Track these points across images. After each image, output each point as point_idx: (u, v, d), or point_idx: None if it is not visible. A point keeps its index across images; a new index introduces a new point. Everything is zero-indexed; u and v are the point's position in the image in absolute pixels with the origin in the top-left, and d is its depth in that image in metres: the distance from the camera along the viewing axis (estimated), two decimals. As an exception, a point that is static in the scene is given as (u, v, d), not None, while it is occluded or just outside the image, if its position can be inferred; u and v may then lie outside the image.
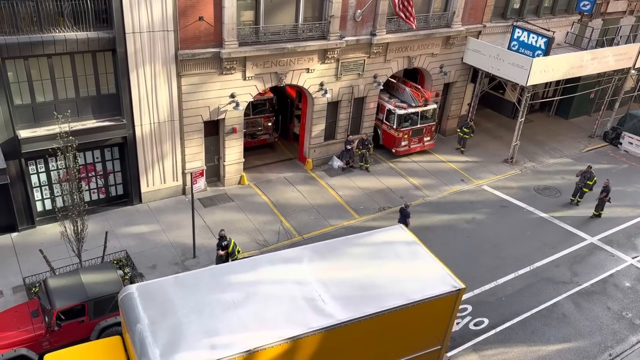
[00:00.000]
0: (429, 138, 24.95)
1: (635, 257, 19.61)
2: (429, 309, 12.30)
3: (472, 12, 24.54)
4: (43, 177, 17.87)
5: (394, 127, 23.85)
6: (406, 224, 18.99)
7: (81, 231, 15.06)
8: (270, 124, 24.06)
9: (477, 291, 17.19)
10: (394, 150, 24.30)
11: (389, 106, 23.96)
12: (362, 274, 12.58)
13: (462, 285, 12.58)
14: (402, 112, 23.58)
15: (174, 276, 12.26)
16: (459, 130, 26.08)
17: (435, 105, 24.69)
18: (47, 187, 18.06)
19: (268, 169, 23.08)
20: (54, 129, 15.67)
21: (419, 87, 24.56)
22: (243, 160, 21.51)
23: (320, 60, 21.03)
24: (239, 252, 16.38)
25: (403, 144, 24.18)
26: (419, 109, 23.93)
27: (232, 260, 16.15)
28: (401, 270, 12.90)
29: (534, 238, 20.16)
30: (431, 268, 13.08)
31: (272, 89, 22.71)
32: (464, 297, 16.79)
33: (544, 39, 23.44)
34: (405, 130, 23.92)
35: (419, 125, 24.19)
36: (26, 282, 15.47)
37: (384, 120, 24.37)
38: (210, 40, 18.33)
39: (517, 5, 26.50)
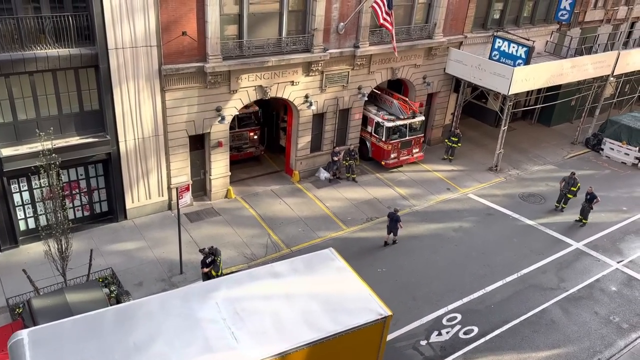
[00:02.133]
0: (417, 150, 25.05)
1: (620, 261, 19.83)
2: (354, 339, 11.61)
3: (453, 24, 24.89)
4: (26, 195, 17.62)
5: (383, 139, 23.93)
6: (396, 229, 19.09)
7: (65, 249, 14.83)
8: (256, 137, 24.05)
9: (465, 299, 17.23)
10: (383, 163, 24.34)
11: (377, 119, 24.04)
12: (283, 305, 11.84)
13: (389, 313, 11.93)
14: (390, 124, 23.68)
15: (73, 318, 11.24)
16: (447, 140, 26.28)
17: (423, 117, 24.85)
18: (30, 206, 17.79)
19: (255, 182, 23.01)
20: (37, 146, 15.48)
21: (407, 99, 24.74)
22: (229, 173, 21.43)
23: (305, 73, 21.13)
24: (221, 274, 16.14)
25: (392, 156, 24.25)
26: (408, 121, 24.06)
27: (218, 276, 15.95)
28: (325, 299, 12.17)
29: (521, 245, 20.31)
30: (358, 295, 12.42)
31: (258, 102, 22.75)
32: (453, 305, 16.88)
33: (524, 48, 23.84)
34: (394, 143, 23.99)
35: (407, 137, 24.30)
36: (9, 302, 15.12)
37: (373, 133, 24.44)
38: (194, 55, 18.33)
39: (497, 16, 26.95)
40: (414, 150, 24.91)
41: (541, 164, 27.06)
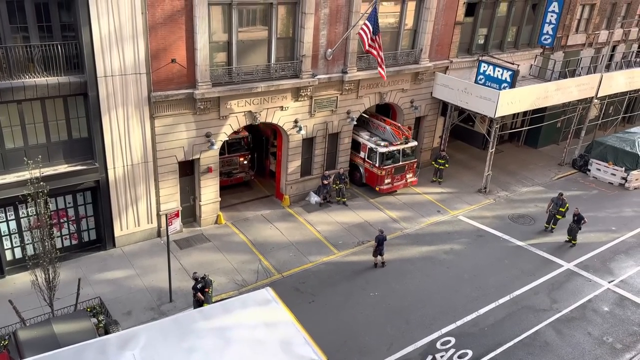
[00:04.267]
0: (411, 175, 25.02)
1: (612, 281, 19.88)
2: None
3: (439, 49, 25.32)
4: (13, 224, 17.38)
5: (377, 165, 23.95)
6: (382, 249, 19.09)
7: (53, 279, 14.58)
8: (246, 162, 24.07)
9: (459, 322, 17.11)
10: (377, 189, 24.28)
11: (370, 144, 24.07)
12: (210, 354, 11.13)
13: (323, 359, 11.45)
14: (384, 150, 23.69)
15: None
16: (433, 162, 26.48)
17: (416, 143, 24.93)
18: (16, 235, 17.54)
19: (245, 207, 22.93)
20: (24, 175, 15.35)
21: (399, 125, 24.91)
22: (219, 199, 21.34)
23: (294, 98, 21.30)
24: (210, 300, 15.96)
25: (386, 181, 24.18)
26: (401, 147, 24.13)
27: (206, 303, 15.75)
28: (257, 345, 11.55)
29: (512, 266, 20.31)
30: (292, 340, 11.78)
31: (247, 127, 22.83)
32: (447, 328, 16.75)
33: (509, 72, 24.27)
34: (388, 168, 23.99)
35: (401, 163, 24.34)
36: (-6, 335, 14.82)
37: (366, 159, 24.43)
38: (183, 82, 18.44)
39: (481, 41, 27.48)
40: (408, 176, 24.92)
41: (530, 185, 27.28)
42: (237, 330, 11.93)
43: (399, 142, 24.10)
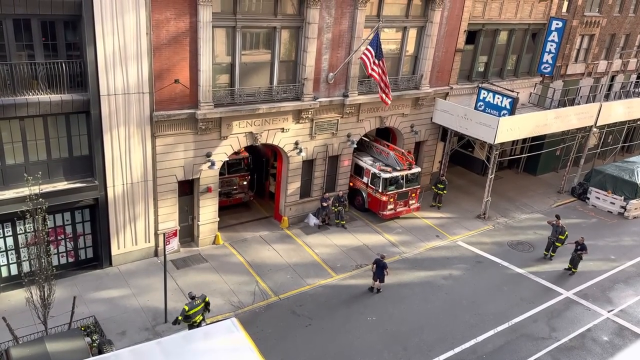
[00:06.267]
0: (414, 201, 24.88)
1: (611, 310, 19.70)
2: None
3: (439, 75, 25.58)
4: (10, 241, 17.29)
5: (380, 190, 23.92)
6: (383, 275, 18.91)
7: (48, 297, 14.45)
8: (245, 182, 24.08)
9: (457, 349, 16.90)
10: (380, 214, 24.22)
11: (373, 170, 23.99)
12: None
13: None
14: (387, 175, 23.63)
15: None
16: (433, 187, 26.50)
17: (419, 169, 24.88)
18: (13, 252, 17.44)
19: (243, 228, 22.85)
20: (24, 191, 15.34)
21: (403, 151, 24.97)
22: (218, 219, 21.29)
23: (295, 120, 21.43)
24: (198, 321, 15.79)
25: (389, 207, 24.05)
26: (404, 172, 24.12)
27: (195, 324, 15.55)
28: None
29: (511, 293, 20.16)
30: None
31: (248, 148, 22.91)
32: (445, 355, 16.55)
33: (509, 99, 24.47)
34: (391, 194, 23.91)
35: (404, 189, 24.28)
36: (-14, 352, 14.61)
37: (369, 184, 24.34)
38: (185, 102, 18.57)
39: (481, 69, 27.78)
40: (411, 202, 24.82)
41: (529, 212, 27.25)
42: None
43: (402, 168, 24.12)
